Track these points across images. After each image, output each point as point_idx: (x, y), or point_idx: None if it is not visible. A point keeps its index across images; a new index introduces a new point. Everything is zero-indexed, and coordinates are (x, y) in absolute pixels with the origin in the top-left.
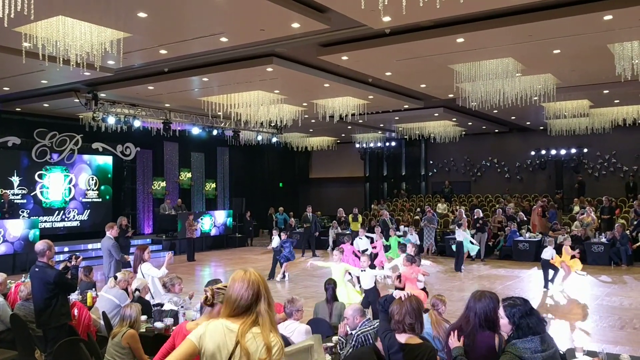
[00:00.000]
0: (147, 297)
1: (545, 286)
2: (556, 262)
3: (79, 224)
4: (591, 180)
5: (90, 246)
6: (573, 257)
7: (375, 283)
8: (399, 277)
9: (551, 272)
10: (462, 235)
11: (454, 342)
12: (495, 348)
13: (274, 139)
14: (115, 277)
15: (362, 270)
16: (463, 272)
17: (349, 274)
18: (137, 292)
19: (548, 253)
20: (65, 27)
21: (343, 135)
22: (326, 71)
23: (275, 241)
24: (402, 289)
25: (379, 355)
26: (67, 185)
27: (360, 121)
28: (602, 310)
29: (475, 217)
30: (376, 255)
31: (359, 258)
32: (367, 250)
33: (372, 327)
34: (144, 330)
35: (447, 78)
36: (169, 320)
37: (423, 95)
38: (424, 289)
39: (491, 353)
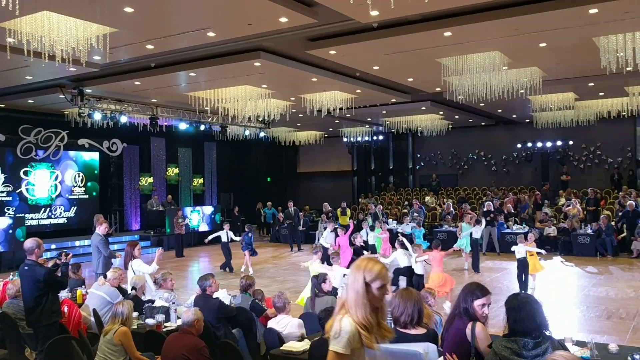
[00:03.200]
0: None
1: (524, 289)
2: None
3: (65, 221)
4: (576, 172)
5: (77, 243)
6: (537, 254)
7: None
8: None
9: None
10: (479, 231)
11: None
12: (465, 334)
13: (262, 134)
14: (105, 276)
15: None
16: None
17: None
18: (133, 291)
19: (521, 250)
20: (50, 22)
21: (331, 129)
22: (314, 65)
23: (224, 235)
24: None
25: None
26: (53, 182)
27: (348, 115)
28: (589, 301)
29: (486, 209)
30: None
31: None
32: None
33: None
34: (135, 327)
35: (434, 72)
36: (160, 317)
37: (410, 89)
38: None
39: (459, 338)
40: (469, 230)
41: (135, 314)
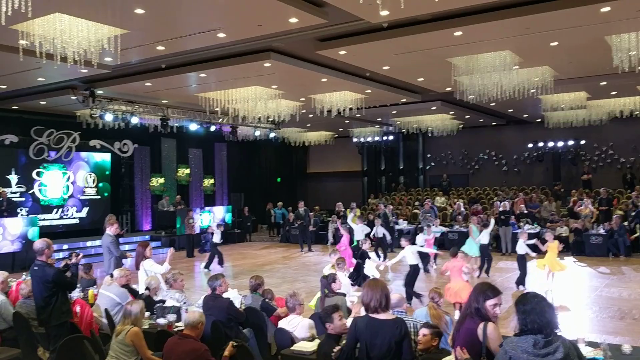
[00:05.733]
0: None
1: (521, 283)
2: (541, 264)
3: (77, 222)
4: (589, 172)
5: (89, 243)
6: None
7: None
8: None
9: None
10: (487, 237)
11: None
12: (476, 333)
13: (272, 134)
14: (112, 275)
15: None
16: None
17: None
18: (146, 291)
19: (522, 247)
20: (62, 24)
21: (340, 129)
22: (324, 66)
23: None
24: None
25: None
26: (65, 182)
27: (358, 115)
28: (602, 301)
29: (502, 209)
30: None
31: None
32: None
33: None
34: (147, 327)
35: (444, 71)
36: (171, 317)
37: (420, 89)
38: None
39: (471, 337)
40: (479, 234)
41: (146, 314)
